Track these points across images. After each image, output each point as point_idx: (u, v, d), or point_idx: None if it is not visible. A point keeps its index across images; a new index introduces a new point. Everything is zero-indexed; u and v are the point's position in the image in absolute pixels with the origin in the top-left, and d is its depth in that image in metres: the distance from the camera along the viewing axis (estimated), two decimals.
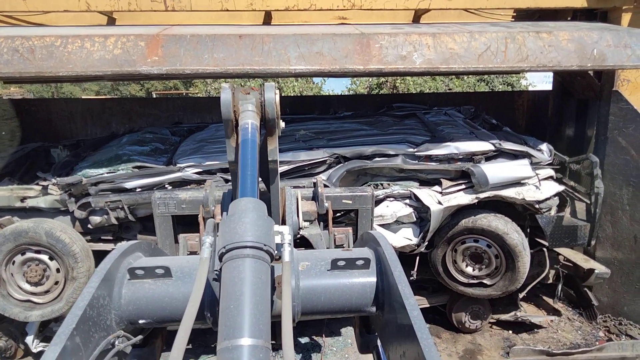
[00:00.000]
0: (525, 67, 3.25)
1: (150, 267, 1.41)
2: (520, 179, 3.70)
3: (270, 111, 1.67)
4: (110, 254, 1.44)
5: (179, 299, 1.41)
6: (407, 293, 1.27)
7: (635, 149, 3.80)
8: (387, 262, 1.42)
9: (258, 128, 1.63)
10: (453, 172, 3.78)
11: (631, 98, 3.85)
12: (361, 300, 1.47)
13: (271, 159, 1.81)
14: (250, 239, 1.20)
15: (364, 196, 3.16)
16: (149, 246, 1.67)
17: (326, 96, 10.63)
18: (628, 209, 3.88)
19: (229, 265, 1.17)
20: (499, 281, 3.70)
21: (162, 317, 1.43)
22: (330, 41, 3.16)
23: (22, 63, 2.96)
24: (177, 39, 3.09)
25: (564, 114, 4.75)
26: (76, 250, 3.31)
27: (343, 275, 1.47)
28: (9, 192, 3.45)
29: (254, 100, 1.66)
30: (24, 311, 3.35)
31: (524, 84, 12.55)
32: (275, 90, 1.67)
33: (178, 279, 1.44)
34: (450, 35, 3.26)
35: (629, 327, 3.86)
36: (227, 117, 1.64)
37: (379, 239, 1.56)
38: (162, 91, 23.77)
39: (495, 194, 3.62)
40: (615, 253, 4.01)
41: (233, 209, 1.31)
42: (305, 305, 1.45)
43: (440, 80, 11.12)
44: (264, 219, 1.29)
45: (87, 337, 1.19)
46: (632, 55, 3.29)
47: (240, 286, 1.12)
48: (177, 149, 4.07)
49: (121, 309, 1.39)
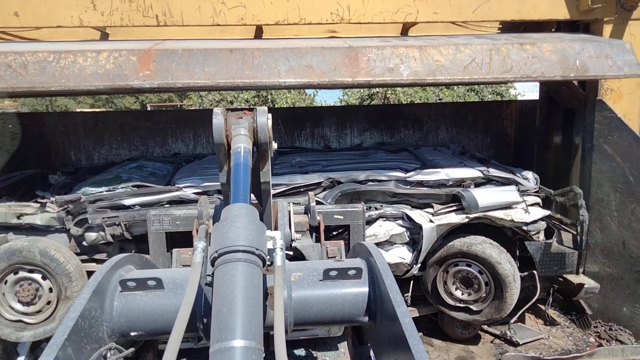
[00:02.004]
0: (510, 77, 3.34)
1: (141, 279, 1.42)
2: (509, 203, 3.78)
3: (263, 136, 1.67)
4: (102, 266, 1.45)
5: (170, 310, 1.41)
6: (399, 302, 1.27)
7: (620, 156, 3.87)
8: (379, 272, 1.42)
9: (250, 152, 1.64)
10: (444, 197, 3.84)
11: (615, 106, 3.93)
12: (353, 310, 1.48)
13: (264, 181, 1.84)
14: (242, 243, 1.20)
15: (355, 212, 3.15)
16: (140, 259, 1.68)
17: (317, 107, 10.70)
18: (616, 214, 3.94)
19: (221, 270, 1.18)
20: (485, 308, 3.72)
21: (154, 329, 1.43)
22: (319, 54, 3.23)
23: (15, 78, 2.99)
24: (168, 53, 3.15)
25: (551, 123, 4.84)
26: (70, 269, 3.30)
27: (335, 286, 1.48)
28: (6, 208, 3.45)
29: (247, 124, 1.67)
30: (15, 332, 3.32)
31: (513, 93, 12.75)
32: (267, 115, 1.69)
33: (170, 291, 1.44)
34: (437, 47, 3.34)
35: (619, 333, 3.90)
36: (219, 141, 1.65)
37: (370, 249, 1.57)
38: (156, 103, 23.83)
39: (484, 215, 3.68)
40: (605, 259, 4.06)
41: (225, 214, 1.31)
42: (298, 315, 1.45)
43: (430, 90, 11.27)
44: (256, 224, 1.29)
45: (78, 349, 1.18)
46: (613, 65, 3.38)
47: (232, 289, 1.13)
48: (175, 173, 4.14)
49: (113, 321, 1.39)
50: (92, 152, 5.07)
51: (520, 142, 5.44)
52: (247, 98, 12.55)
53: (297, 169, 4.13)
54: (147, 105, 23.35)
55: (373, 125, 5.56)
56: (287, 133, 5.37)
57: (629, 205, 3.83)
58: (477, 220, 3.71)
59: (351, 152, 4.96)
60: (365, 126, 5.55)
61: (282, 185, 3.72)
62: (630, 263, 3.86)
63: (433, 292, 3.85)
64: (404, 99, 11.23)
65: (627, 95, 4.02)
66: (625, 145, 3.81)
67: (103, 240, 3.47)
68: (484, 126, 5.55)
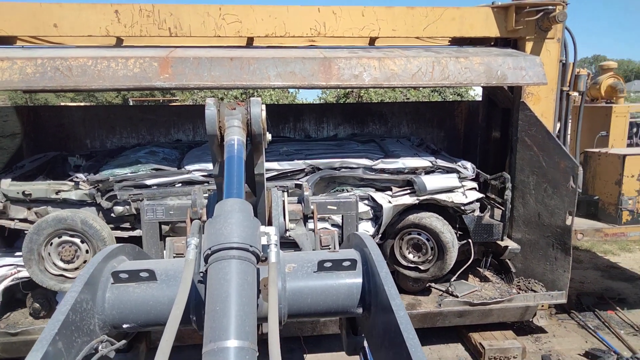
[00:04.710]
0: (447, 84, 4.32)
1: (134, 270, 1.39)
2: (451, 187, 4.78)
3: (257, 127, 1.64)
4: (94, 257, 1.43)
5: (163, 302, 1.39)
6: (394, 294, 1.27)
7: (537, 146, 4.92)
8: (374, 263, 1.42)
9: (244, 144, 1.61)
10: (401, 182, 4.81)
11: (534, 107, 4.97)
12: (348, 301, 1.47)
13: (257, 173, 1.81)
14: (236, 240, 1.19)
15: (348, 202, 3.16)
16: (133, 249, 1.66)
17: (299, 104, 11.64)
18: (533, 192, 5.00)
19: (214, 267, 1.17)
20: (431, 267, 4.71)
21: (146, 321, 1.42)
22: (300, 63, 4.15)
23: (63, 79, 3.81)
24: (182, 60, 4.01)
25: (491, 120, 5.88)
26: (105, 235, 4.13)
27: (329, 277, 1.47)
28: (46, 186, 4.25)
29: (240, 115, 1.63)
30: (58, 283, 4.10)
31: (472, 94, 13.89)
32: (261, 106, 1.66)
33: (162, 282, 1.43)
34: (392, 59, 4.30)
35: (534, 285, 4.96)
36: (212, 133, 1.60)
37: (365, 240, 1.57)
38: (138, 98, 24.20)
39: (431, 197, 4.67)
40: (526, 228, 5.11)
41: (219, 209, 1.29)
42: (292, 307, 1.44)
43: (399, 91, 12.34)
44: (250, 220, 1.28)
45: (69, 342, 1.17)
46: (526, 75, 4.40)
47: (226, 288, 1.11)
48: (183, 157, 4.98)
49: (105, 313, 1.37)
50: (105, 140, 5.88)
51: (467, 136, 6.48)
52: (236, 95, 13.41)
53: (284, 157, 4.95)
54: (130, 100, 23.74)
55: (346, 120, 6.51)
56: (272, 126, 6.26)
57: (542, 185, 4.88)
58: (426, 201, 4.69)
59: (329, 143, 5.82)
60: (340, 121, 6.51)
61: (273, 170, 4.61)
62: (543, 230, 4.92)
63: (391, 256, 4.82)
64: (375, 98, 12.29)
65: (544, 98, 5.07)
66: (540, 138, 4.86)
67: (128, 213, 4.31)
68: (438, 122, 6.57)
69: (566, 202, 4.64)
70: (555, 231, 4.79)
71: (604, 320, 5.64)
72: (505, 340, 4.87)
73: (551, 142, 4.76)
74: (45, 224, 4.05)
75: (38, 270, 4.08)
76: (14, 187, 4.24)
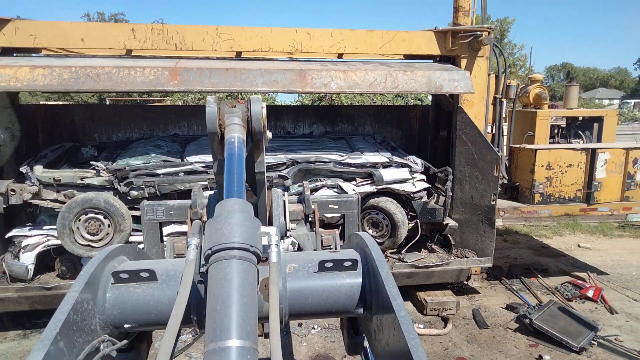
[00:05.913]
0: (396, 91, 5.51)
1: (134, 270, 1.40)
2: (403, 179, 5.98)
3: (257, 125, 1.65)
4: (94, 257, 1.43)
5: (164, 302, 1.40)
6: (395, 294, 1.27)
7: (470, 142, 6.16)
8: (375, 263, 1.42)
9: (244, 142, 1.62)
10: (363, 174, 5.96)
11: (469, 111, 6.21)
12: (349, 301, 1.48)
13: (258, 171, 1.81)
14: (237, 240, 1.20)
15: (350, 201, 3.15)
16: (133, 249, 1.67)
17: (278, 106, 12.76)
18: (468, 179, 6.24)
19: (215, 267, 1.17)
20: (386, 241, 5.92)
21: (147, 320, 1.42)
22: (281, 74, 5.25)
23: (92, 83, 4.80)
24: (188, 70, 5.05)
25: (438, 121, 7.12)
26: (123, 212, 5.12)
27: (330, 277, 1.48)
28: (73, 173, 5.22)
29: (240, 113, 1.65)
30: (86, 252, 5.09)
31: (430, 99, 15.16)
32: (262, 104, 1.66)
33: (163, 282, 1.43)
34: (354, 71, 5.45)
35: (468, 253, 6.20)
36: (212, 130, 1.61)
37: (366, 240, 1.57)
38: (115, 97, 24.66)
39: (387, 187, 5.84)
40: (462, 209, 6.35)
41: (219, 209, 1.30)
42: (293, 307, 1.44)
43: (367, 96, 13.61)
44: (251, 220, 1.29)
45: (71, 342, 1.18)
46: (458, 85, 5.63)
47: (227, 288, 1.12)
48: (184, 150, 5.98)
49: (106, 313, 1.37)
50: (111, 134, 6.83)
51: (421, 134, 7.72)
52: (222, 97, 14.45)
53: (268, 152, 6.06)
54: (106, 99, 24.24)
55: (319, 120, 7.65)
56: None
57: (474, 173, 6.13)
58: (383, 190, 5.86)
59: (306, 139, 6.86)
60: (314, 120, 7.63)
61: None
62: (475, 210, 6.16)
63: None
64: (346, 102, 13.53)
65: (477, 104, 6.33)
66: (473, 135, 6.10)
67: (141, 196, 5.29)
68: (397, 123, 7.78)
69: (492, 186, 5.90)
70: (484, 210, 6.04)
71: (526, 285, 6.95)
72: (444, 297, 6.10)
73: (481, 139, 6.01)
74: (74, 204, 5.02)
75: (69, 241, 5.05)
76: (46, 173, 5.19)
